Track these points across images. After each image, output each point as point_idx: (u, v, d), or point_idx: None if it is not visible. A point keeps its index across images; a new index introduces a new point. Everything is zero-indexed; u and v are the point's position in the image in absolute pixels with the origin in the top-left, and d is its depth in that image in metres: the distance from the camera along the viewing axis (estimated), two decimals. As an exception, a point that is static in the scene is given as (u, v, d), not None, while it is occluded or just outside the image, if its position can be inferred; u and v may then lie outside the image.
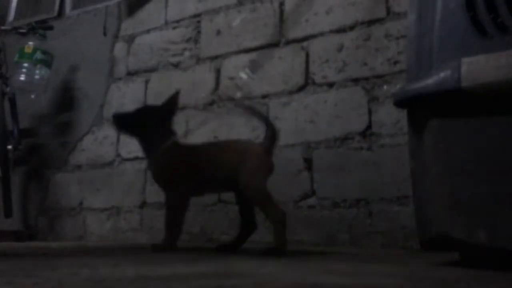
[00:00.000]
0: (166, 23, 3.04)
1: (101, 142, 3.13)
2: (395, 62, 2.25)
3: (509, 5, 1.09)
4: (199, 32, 2.90)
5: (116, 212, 2.95)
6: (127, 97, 3.08)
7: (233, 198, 1.82)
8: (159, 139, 1.77)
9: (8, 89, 3.02)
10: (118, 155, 3.04)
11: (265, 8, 2.68)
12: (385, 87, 2.26)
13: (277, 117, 2.51)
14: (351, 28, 2.41)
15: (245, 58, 2.69)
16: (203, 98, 2.78)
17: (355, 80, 2.34)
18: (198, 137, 2.74)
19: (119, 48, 3.19)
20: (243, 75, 2.59)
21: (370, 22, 2.36)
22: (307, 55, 2.50)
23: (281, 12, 2.63)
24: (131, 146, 2.99)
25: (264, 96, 2.59)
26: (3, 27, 3.24)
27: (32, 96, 3.17)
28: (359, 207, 2.21)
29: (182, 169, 1.72)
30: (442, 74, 1.14)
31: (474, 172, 1.12)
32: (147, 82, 3.03)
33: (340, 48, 2.42)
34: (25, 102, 3.22)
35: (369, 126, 2.26)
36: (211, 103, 2.75)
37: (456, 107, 1.14)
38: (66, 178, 3.20)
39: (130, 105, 3.03)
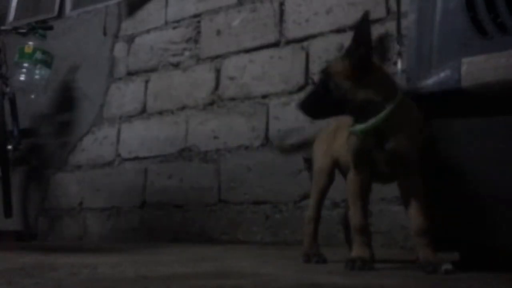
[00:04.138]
0: (166, 23, 3.04)
1: (101, 142, 3.12)
2: (395, 62, 2.25)
3: (509, 5, 1.09)
4: (199, 32, 2.89)
5: (116, 212, 2.95)
6: (127, 97, 3.08)
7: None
8: None
9: (8, 89, 3.02)
10: (118, 155, 3.04)
11: (265, 8, 2.68)
12: (385, 87, 2.26)
13: (277, 117, 2.51)
14: (351, 28, 2.40)
15: (245, 58, 2.69)
16: (203, 98, 2.78)
17: (355, 80, 2.34)
18: (198, 137, 2.75)
19: (119, 48, 3.19)
20: None
21: (370, 22, 2.35)
22: (307, 55, 2.50)
23: (281, 12, 2.63)
24: (131, 146, 2.99)
25: (264, 96, 2.59)
26: (3, 27, 3.24)
27: (32, 96, 3.17)
28: (359, 207, 2.21)
29: None
30: (442, 74, 1.14)
31: (474, 171, 1.12)
32: (147, 82, 3.03)
33: (340, 48, 2.41)
34: (25, 102, 3.22)
35: (369, 126, 2.26)
36: (211, 103, 2.75)
37: (456, 107, 1.14)
38: (66, 178, 3.20)
39: (130, 105, 3.04)
